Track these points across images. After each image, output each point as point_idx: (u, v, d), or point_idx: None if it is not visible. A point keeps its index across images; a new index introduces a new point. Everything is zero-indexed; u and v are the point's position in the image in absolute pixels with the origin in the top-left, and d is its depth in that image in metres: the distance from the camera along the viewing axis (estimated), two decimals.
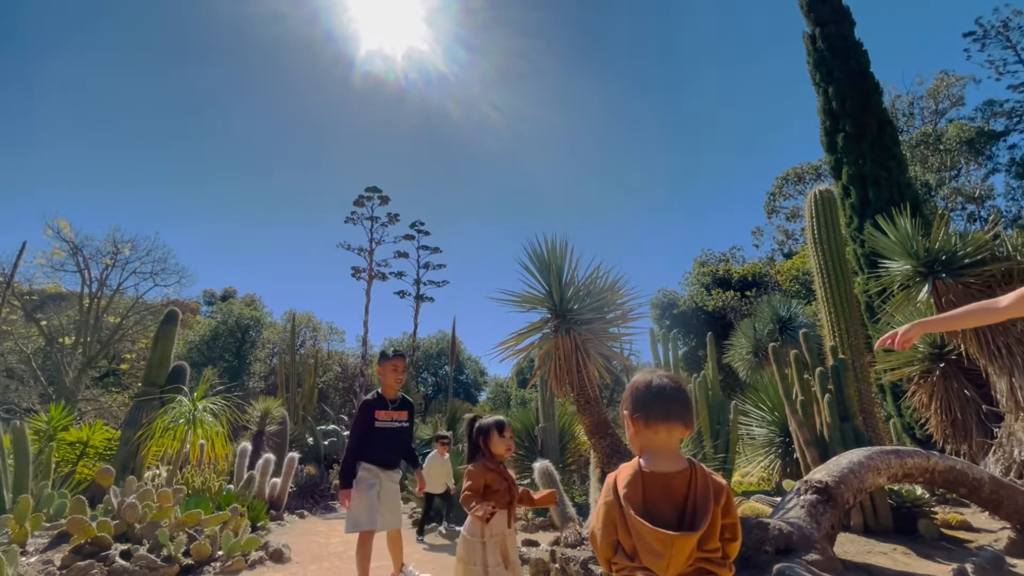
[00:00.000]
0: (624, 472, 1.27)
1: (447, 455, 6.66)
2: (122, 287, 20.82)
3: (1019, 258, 5.87)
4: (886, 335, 2.05)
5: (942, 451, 5.95)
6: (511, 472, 2.59)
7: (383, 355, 3.75)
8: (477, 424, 2.62)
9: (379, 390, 3.70)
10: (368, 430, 3.55)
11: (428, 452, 11.63)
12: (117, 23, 51.41)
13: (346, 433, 15.39)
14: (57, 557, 4.14)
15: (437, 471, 6.36)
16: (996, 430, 5.66)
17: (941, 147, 23.03)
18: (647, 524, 1.16)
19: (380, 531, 3.50)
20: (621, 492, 1.22)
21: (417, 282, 22.82)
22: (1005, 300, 1.83)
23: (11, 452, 5.71)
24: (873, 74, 11.88)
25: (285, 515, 8.06)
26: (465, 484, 2.45)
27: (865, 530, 4.84)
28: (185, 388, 8.21)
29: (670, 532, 1.14)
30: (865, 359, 7.56)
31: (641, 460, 1.27)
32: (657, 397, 1.29)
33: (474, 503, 2.34)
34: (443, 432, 7.02)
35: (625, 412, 1.34)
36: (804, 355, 6.49)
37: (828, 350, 6.49)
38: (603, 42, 71.91)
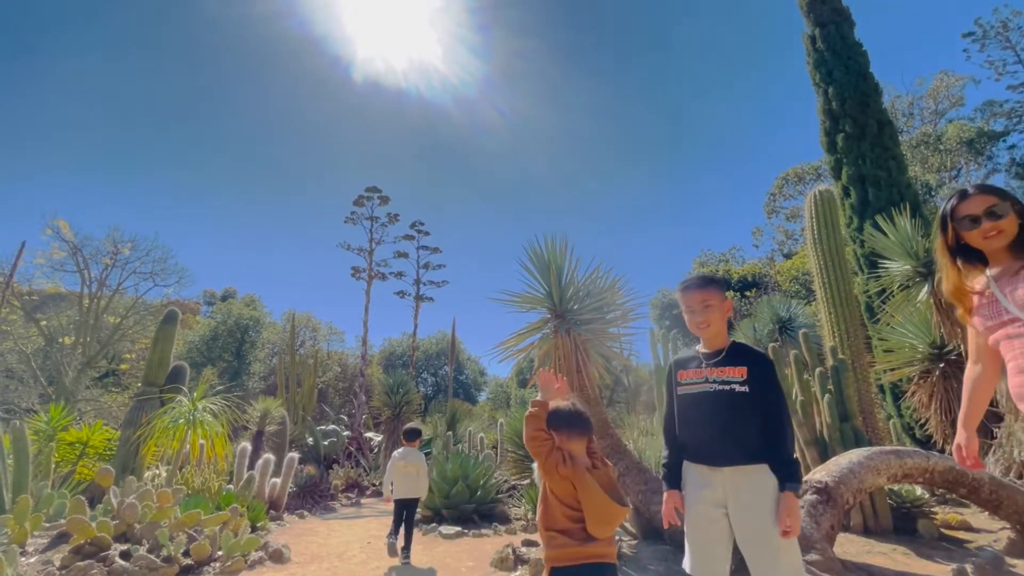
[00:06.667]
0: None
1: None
2: (122, 287, 20.81)
3: None
4: (966, 455, 1.79)
5: (942, 451, 5.95)
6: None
7: (685, 288, 2.14)
8: None
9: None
10: (671, 404, 2.19)
11: (428, 453, 11.66)
12: (117, 22, 51.42)
13: (346, 434, 15.39)
14: (57, 557, 4.14)
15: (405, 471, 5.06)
16: (996, 430, 5.66)
17: (941, 147, 23.04)
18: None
19: None
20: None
21: (417, 282, 22.81)
22: (976, 366, 1.81)
23: (11, 452, 5.71)
24: (873, 74, 11.90)
25: (285, 515, 8.05)
26: None
27: (865, 530, 4.85)
28: (185, 388, 8.21)
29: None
30: (865, 359, 7.57)
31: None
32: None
33: None
34: (414, 425, 5.47)
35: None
36: (804, 355, 6.50)
37: (828, 350, 6.50)
38: (604, 42, 71.96)
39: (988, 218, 1.63)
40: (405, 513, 4.99)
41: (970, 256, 1.73)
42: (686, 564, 2.03)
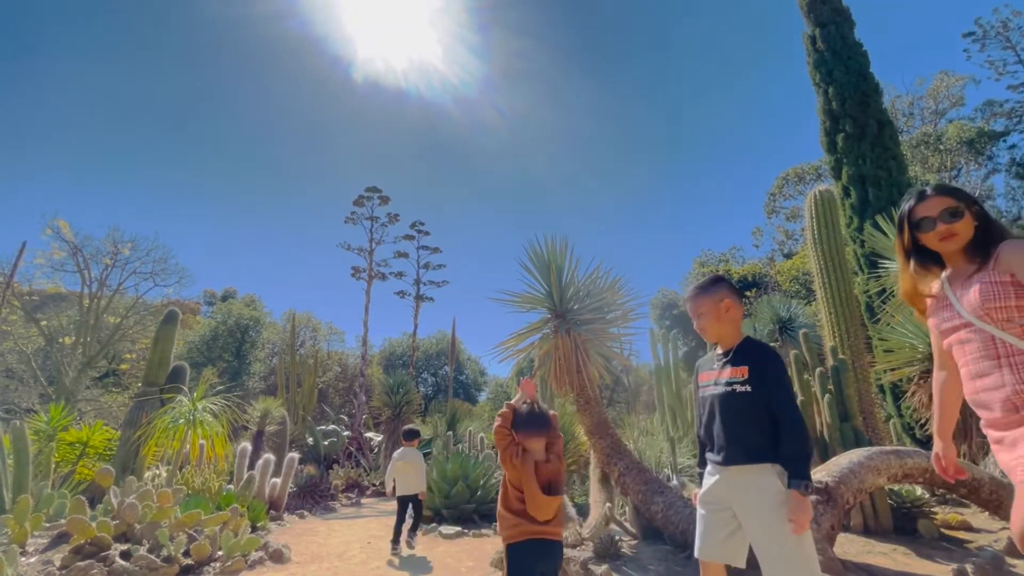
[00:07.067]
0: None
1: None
2: (122, 287, 20.80)
3: None
4: (945, 465, 1.85)
5: None
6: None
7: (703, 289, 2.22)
8: None
9: None
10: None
11: (428, 453, 11.66)
12: (117, 22, 51.42)
13: (346, 434, 15.39)
14: (57, 557, 4.14)
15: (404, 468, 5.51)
16: None
17: (941, 147, 23.04)
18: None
19: (710, 560, 2.08)
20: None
21: (417, 282, 22.81)
22: (942, 372, 1.82)
23: (11, 452, 5.71)
24: (873, 74, 11.89)
25: (285, 515, 8.05)
26: None
27: (865, 530, 4.85)
28: (185, 388, 8.21)
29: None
30: (865, 359, 7.57)
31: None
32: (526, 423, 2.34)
33: None
34: (413, 426, 5.90)
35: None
36: (804, 355, 6.50)
37: (828, 350, 6.51)
38: (604, 42, 71.98)
39: (943, 220, 1.61)
40: (410, 505, 5.41)
41: (926, 258, 1.71)
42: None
